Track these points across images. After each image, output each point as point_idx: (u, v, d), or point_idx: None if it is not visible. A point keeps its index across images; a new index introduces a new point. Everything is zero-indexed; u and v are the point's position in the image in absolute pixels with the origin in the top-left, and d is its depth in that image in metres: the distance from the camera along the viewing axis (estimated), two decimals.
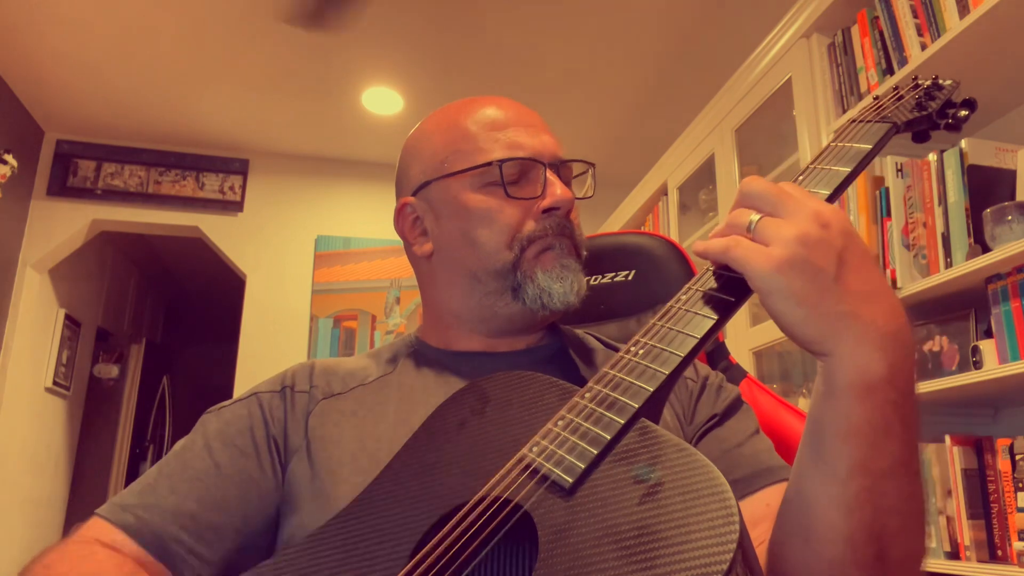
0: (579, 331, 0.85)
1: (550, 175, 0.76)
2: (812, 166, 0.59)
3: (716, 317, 0.51)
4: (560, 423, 0.51)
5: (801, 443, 0.52)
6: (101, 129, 3.41)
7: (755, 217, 0.50)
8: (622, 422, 0.49)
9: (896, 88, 0.70)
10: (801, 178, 0.59)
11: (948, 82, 0.70)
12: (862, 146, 0.59)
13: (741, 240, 0.49)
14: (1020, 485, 1.36)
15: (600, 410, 0.50)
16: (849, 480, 0.47)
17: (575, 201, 0.79)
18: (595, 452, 0.48)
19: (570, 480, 0.47)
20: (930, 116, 0.67)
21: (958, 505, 1.43)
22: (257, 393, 0.76)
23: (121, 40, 2.77)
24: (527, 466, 0.50)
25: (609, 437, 0.48)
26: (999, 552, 1.38)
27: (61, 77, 3.01)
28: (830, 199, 0.56)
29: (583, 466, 0.47)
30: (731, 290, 0.52)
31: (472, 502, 0.50)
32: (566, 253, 0.76)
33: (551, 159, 0.77)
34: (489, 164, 0.75)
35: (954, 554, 1.43)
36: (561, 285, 0.74)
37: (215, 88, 3.11)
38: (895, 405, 0.47)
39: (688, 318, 0.53)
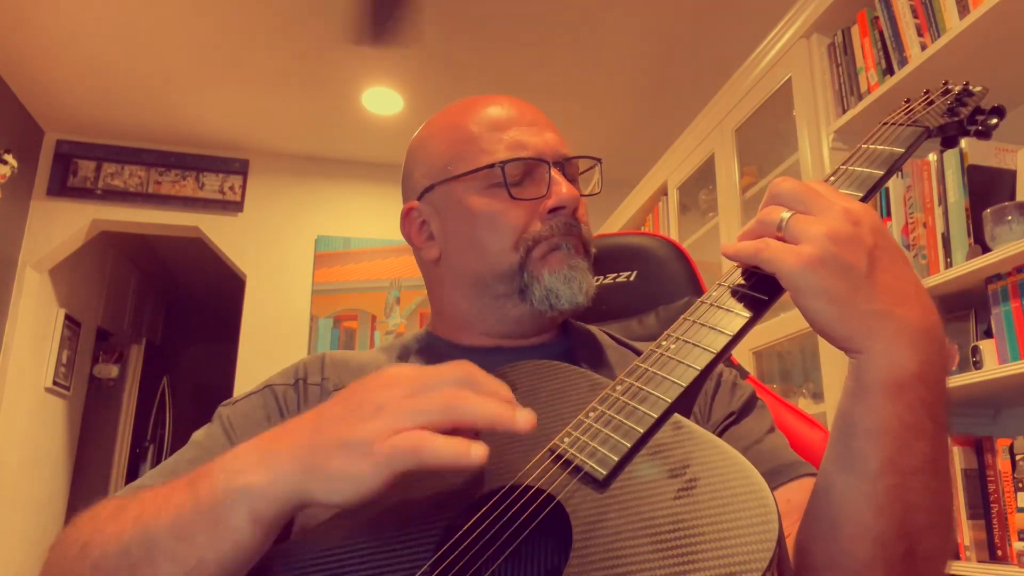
0: (592, 328, 0.85)
1: (555, 174, 0.75)
2: (843, 167, 0.59)
3: (749, 315, 0.51)
4: (592, 415, 0.51)
5: (830, 441, 0.52)
6: (101, 129, 3.41)
7: (786, 215, 0.50)
8: (655, 416, 0.49)
9: (927, 92, 0.70)
10: (832, 179, 0.58)
11: (978, 88, 0.70)
12: (895, 149, 0.59)
13: (771, 241, 0.49)
14: (1020, 485, 1.36)
15: (632, 403, 0.50)
16: (879, 478, 0.47)
17: (582, 198, 0.78)
18: (628, 445, 0.48)
19: (604, 472, 0.47)
20: (961, 122, 0.67)
21: (958, 505, 1.43)
22: (271, 385, 0.76)
23: (121, 40, 2.77)
24: (559, 457, 0.50)
25: (642, 431, 0.48)
26: (999, 552, 1.38)
27: (61, 77, 3.00)
28: (863, 200, 0.55)
29: (616, 458, 0.47)
30: (763, 288, 0.52)
31: (504, 491, 0.50)
32: (573, 253, 0.75)
33: (555, 157, 0.76)
34: (491, 166, 0.74)
35: (954, 554, 1.43)
36: (568, 286, 0.73)
37: (215, 88, 3.11)
38: (925, 403, 0.47)
39: (720, 315, 0.53)
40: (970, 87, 0.70)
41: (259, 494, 0.46)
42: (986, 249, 1.41)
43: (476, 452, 0.44)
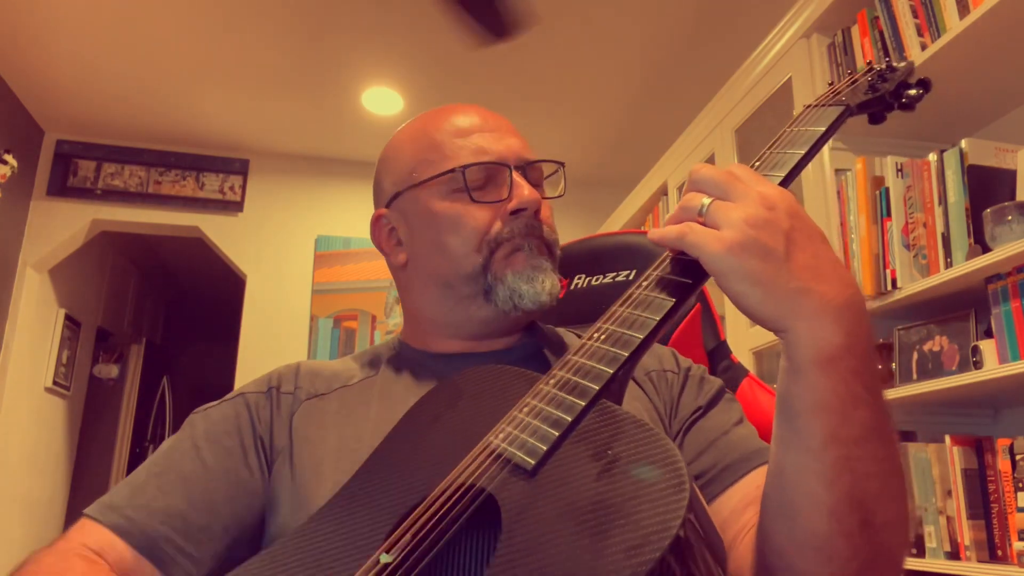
0: (559, 329, 0.86)
1: (516, 177, 0.76)
2: (768, 151, 0.61)
3: (674, 299, 0.53)
4: (524, 409, 0.53)
5: (774, 423, 0.53)
6: (101, 129, 3.41)
7: (706, 201, 0.52)
8: (583, 404, 0.50)
9: (851, 73, 0.72)
10: (757, 163, 0.60)
11: (902, 64, 0.72)
12: (815, 129, 0.62)
13: (694, 226, 0.51)
14: (1020, 485, 1.36)
15: (562, 394, 0.52)
16: (824, 451, 0.49)
17: (546, 201, 0.80)
18: (556, 434, 0.49)
19: (532, 462, 0.48)
20: (883, 97, 0.69)
21: (958, 505, 1.43)
22: (244, 394, 0.76)
23: (121, 40, 2.77)
24: (492, 451, 0.51)
25: (570, 419, 0.50)
26: (999, 552, 1.38)
27: (61, 77, 3.01)
28: (785, 181, 0.57)
29: (545, 448, 0.49)
30: (688, 273, 0.54)
31: (438, 489, 0.51)
32: (536, 253, 0.76)
33: (517, 161, 0.78)
34: (453, 171, 0.76)
35: (954, 554, 1.43)
36: (531, 286, 0.75)
37: (215, 88, 3.11)
38: (857, 373, 0.49)
39: (648, 301, 0.54)
40: (893, 63, 0.72)
41: None
42: (986, 249, 1.41)
43: None
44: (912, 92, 0.69)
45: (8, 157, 2.92)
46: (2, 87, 3.01)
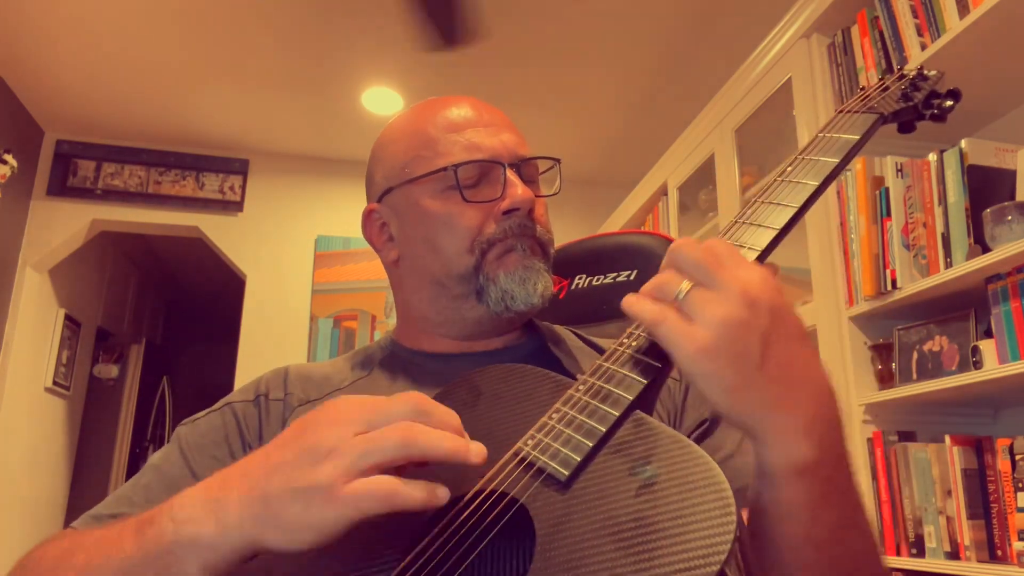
0: (558, 328, 0.85)
1: (510, 175, 0.75)
2: (800, 156, 0.60)
3: None
4: (555, 416, 0.51)
5: (748, 512, 0.52)
6: (101, 129, 3.41)
7: (685, 287, 0.48)
8: (616, 414, 0.49)
9: (882, 79, 0.70)
10: (790, 168, 0.59)
11: (933, 73, 0.70)
12: (850, 136, 0.60)
13: (668, 315, 0.48)
14: (1020, 485, 1.36)
15: (595, 403, 0.50)
16: (797, 551, 0.49)
17: (541, 199, 0.78)
18: (590, 444, 0.48)
19: (566, 473, 0.47)
20: (915, 107, 0.67)
21: (958, 505, 1.43)
22: (231, 403, 0.75)
23: (121, 40, 2.77)
24: (523, 460, 0.50)
25: (604, 430, 0.48)
26: (999, 552, 1.38)
27: (61, 77, 3.00)
28: (819, 190, 0.56)
29: (579, 459, 0.47)
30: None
31: (468, 496, 0.50)
32: (529, 254, 0.75)
33: (511, 158, 0.76)
34: (445, 169, 0.74)
35: (954, 554, 1.43)
36: (523, 287, 0.74)
37: (215, 88, 3.11)
38: (827, 479, 0.48)
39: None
40: (925, 72, 0.70)
41: (208, 545, 0.45)
42: (986, 249, 1.41)
43: (442, 493, 0.45)
44: (946, 104, 0.67)
45: (8, 157, 2.92)
46: (2, 87, 3.01)
